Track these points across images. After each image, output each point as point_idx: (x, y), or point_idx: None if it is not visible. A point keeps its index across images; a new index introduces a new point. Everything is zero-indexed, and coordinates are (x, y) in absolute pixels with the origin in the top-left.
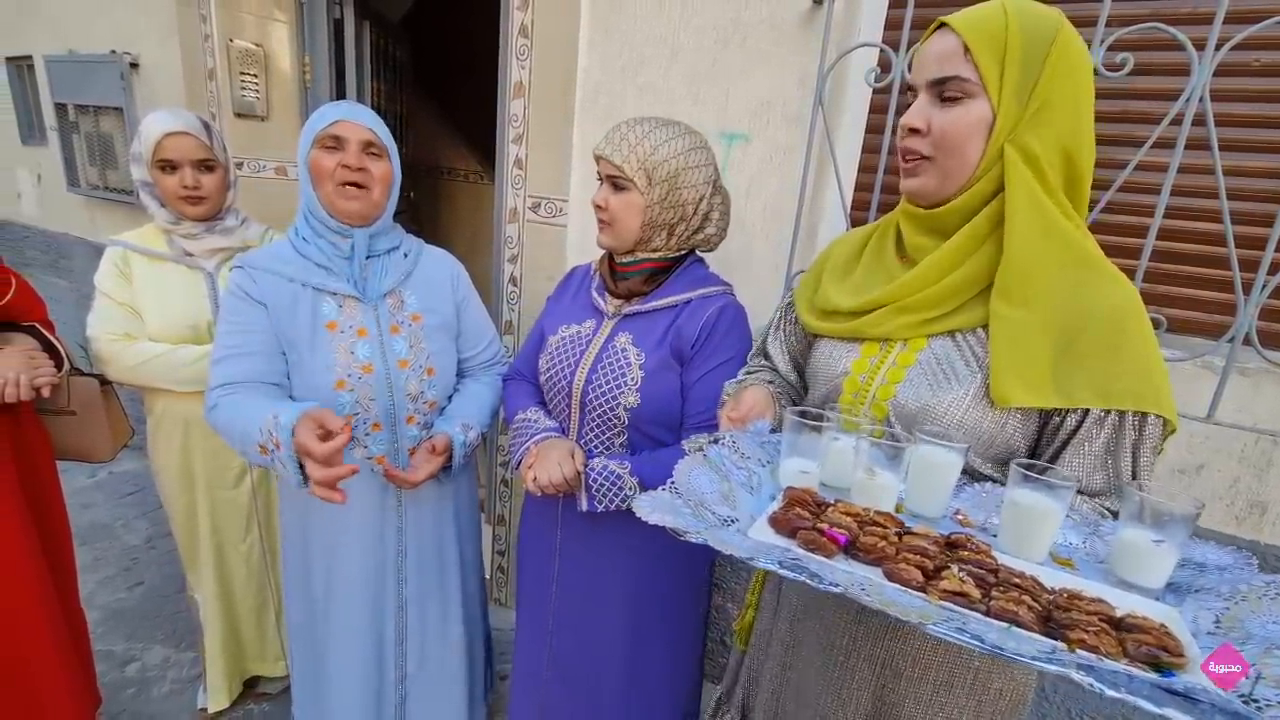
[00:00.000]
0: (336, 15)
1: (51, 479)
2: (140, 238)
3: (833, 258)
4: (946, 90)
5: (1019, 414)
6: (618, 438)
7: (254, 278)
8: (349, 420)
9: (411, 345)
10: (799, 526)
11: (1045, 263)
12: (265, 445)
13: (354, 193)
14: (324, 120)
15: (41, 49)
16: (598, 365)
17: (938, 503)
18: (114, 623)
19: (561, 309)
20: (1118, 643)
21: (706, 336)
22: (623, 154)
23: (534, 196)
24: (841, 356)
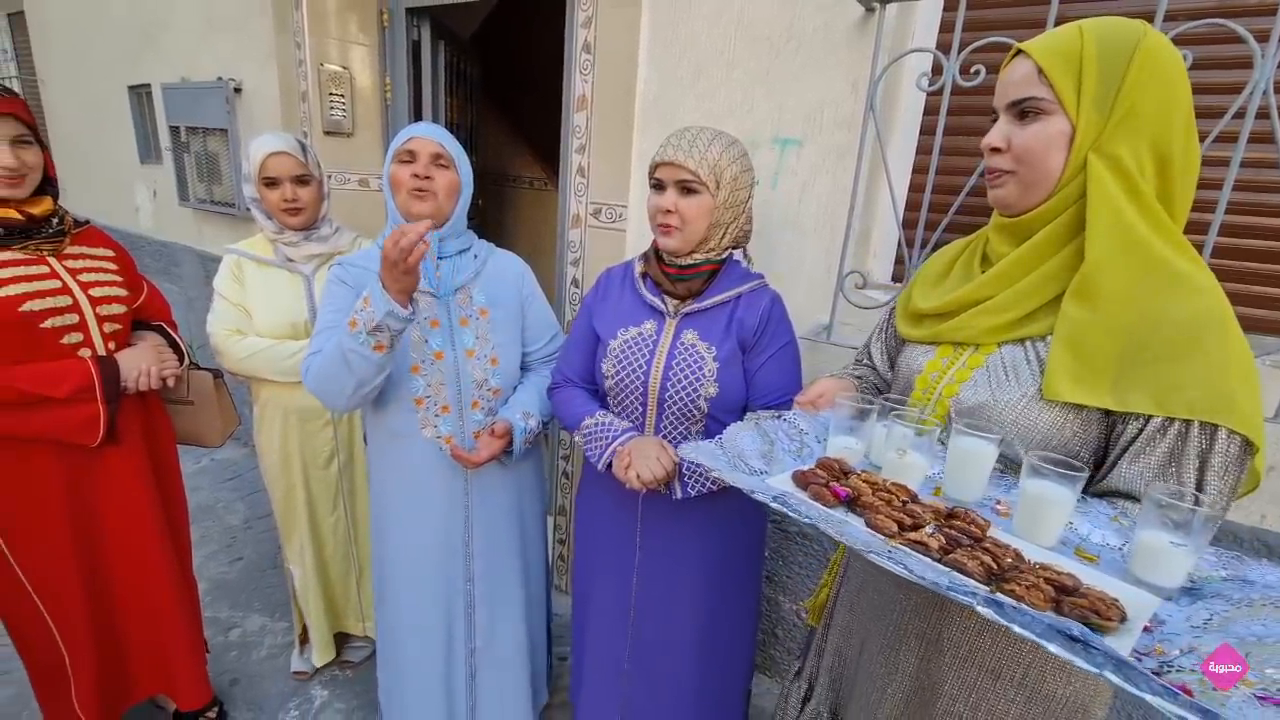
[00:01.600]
0: (415, 37)
1: (173, 460)
2: (251, 246)
3: (926, 269)
4: (1023, 109)
5: (1077, 418)
6: (695, 426)
7: (348, 272)
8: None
9: (478, 337)
10: (813, 481)
11: (1121, 268)
12: (357, 318)
13: (423, 196)
14: (401, 138)
15: (159, 78)
16: (672, 363)
17: (972, 489)
18: (218, 593)
19: (611, 312)
20: (1050, 600)
21: (765, 326)
22: (695, 159)
23: (595, 203)
24: (919, 357)
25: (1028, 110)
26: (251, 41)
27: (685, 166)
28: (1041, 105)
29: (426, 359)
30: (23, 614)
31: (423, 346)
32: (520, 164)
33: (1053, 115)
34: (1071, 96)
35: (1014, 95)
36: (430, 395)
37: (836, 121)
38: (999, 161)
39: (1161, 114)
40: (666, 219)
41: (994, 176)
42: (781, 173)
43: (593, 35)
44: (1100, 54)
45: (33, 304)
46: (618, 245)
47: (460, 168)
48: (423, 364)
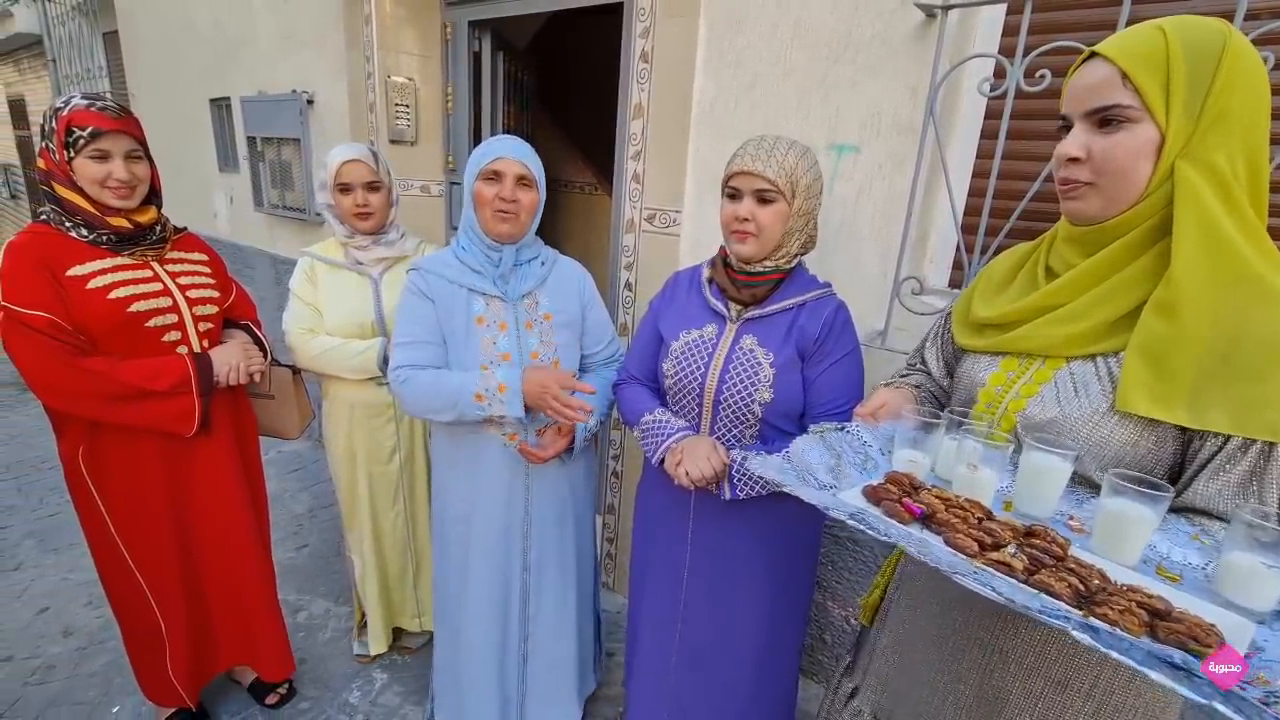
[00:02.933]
0: (476, 48)
1: (257, 450)
2: (323, 249)
3: (988, 276)
4: (1107, 117)
5: (1152, 434)
6: (749, 430)
7: (425, 278)
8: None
9: (542, 339)
10: (885, 497)
11: (1209, 281)
12: (483, 393)
13: (506, 218)
14: (488, 156)
15: (238, 91)
16: (729, 366)
17: (1044, 505)
18: (286, 577)
19: (676, 314)
20: (1144, 625)
21: (827, 334)
22: (774, 169)
23: (649, 209)
24: (982, 369)
25: (1111, 118)
26: (324, 56)
27: (764, 176)
28: (1128, 113)
29: (494, 360)
30: (125, 587)
31: (491, 348)
32: (571, 169)
33: (1139, 123)
34: (1160, 102)
35: (1095, 102)
36: None
37: (894, 127)
38: (1077, 173)
39: (1252, 116)
40: (743, 226)
41: (1071, 188)
42: (837, 178)
43: (650, 45)
44: (1188, 56)
45: (139, 305)
46: (671, 250)
47: (540, 186)
48: (491, 365)
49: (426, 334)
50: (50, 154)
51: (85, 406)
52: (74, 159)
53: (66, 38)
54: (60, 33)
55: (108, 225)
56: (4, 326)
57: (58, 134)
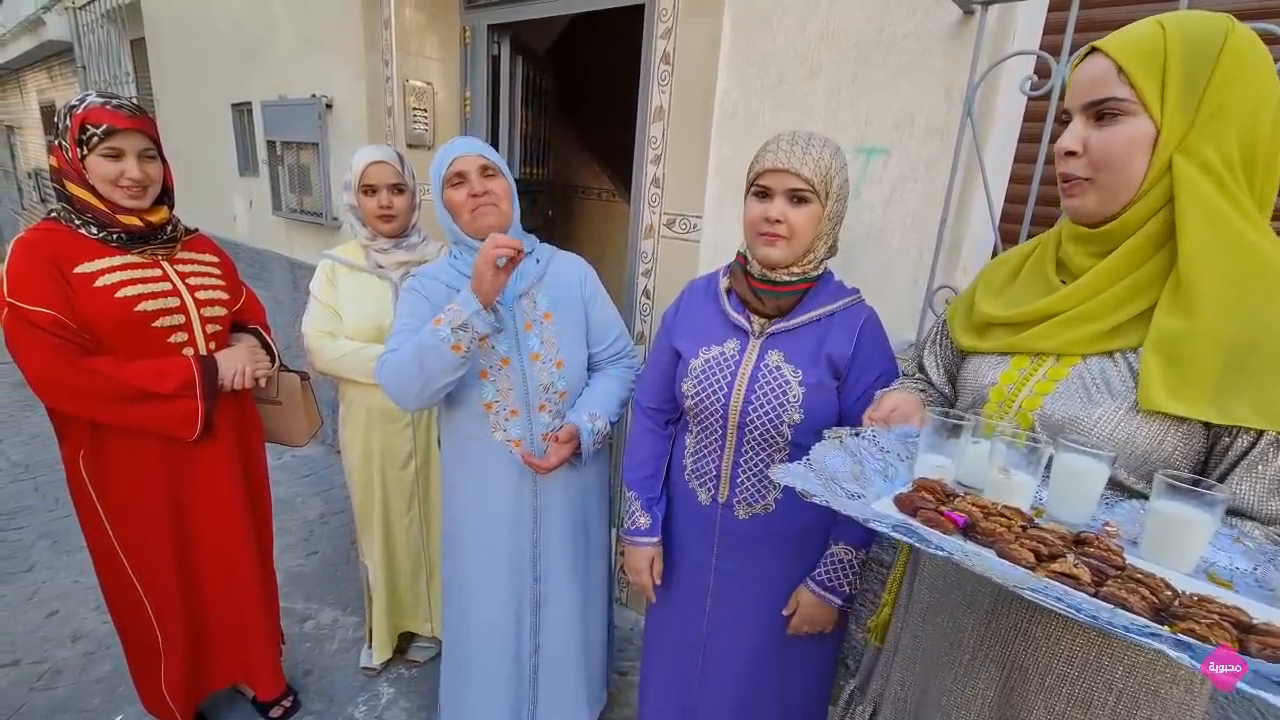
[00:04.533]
0: (495, 52)
1: (262, 456)
2: (344, 252)
3: (988, 277)
4: (1102, 110)
5: (1178, 431)
6: (779, 453)
7: (423, 284)
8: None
9: (543, 341)
10: (920, 506)
11: (1219, 274)
12: (443, 316)
13: (487, 210)
14: (445, 163)
15: (259, 95)
16: (754, 386)
17: (1081, 512)
18: (295, 585)
19: (693, 328)
20: (1235, 641)
21: (859, 350)
22: (810, 166)
23: (669, 213)
24: (990, 369)
25: (1106, 111)
26: (343, 60)
27: (799, 174)
28: (1122, 106)
29: (494, 364)
30: (124, 595)
31: (490, 353)
32: (588, 175)
33: (1134, 116)
34: (1154, 96)
35: (1091, 95)
36: (499, 400)
37: (928, 129)
38: (1074, 167)
39: (1250, 113)
40: (774, 229)
41: (1070, 184)
42: (865, 182)
43: (671, 46)
44: (1184, 51)
45: (146, 304)
46: (691, 256)
47: (505, 171)
48: (490, 369)
49: (417, 324)
50: (63, 151)
51: (87, 407)
52: (87, 157)
53: (96, 45)
54: (90, 40)
55: (118, 224)
56: (8, 323)
57: (71, 131)
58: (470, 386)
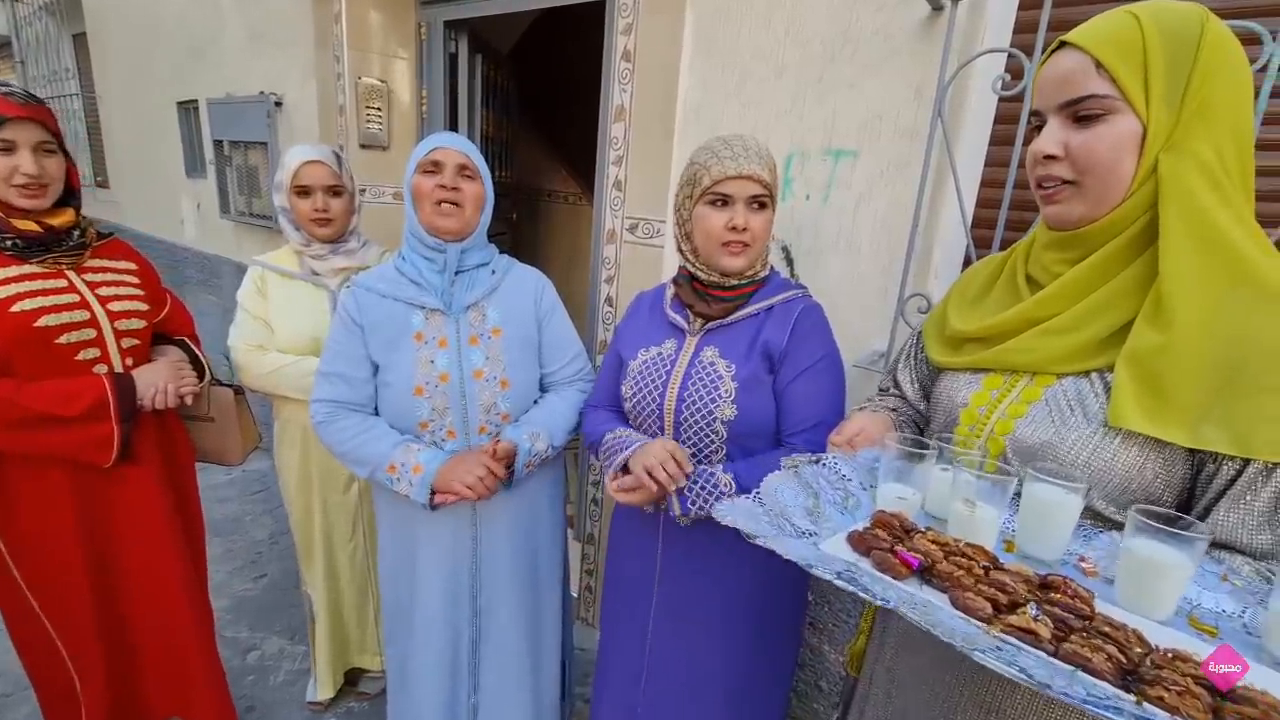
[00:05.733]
0: (452, 49)
1: (192, 479)
2: (276, 258)
3: (960, 289)
4: (1082, 110)
5: (1158, 456)
6: (716, 454)
7: (357, 299)
8: None
9: (488, 357)
10: (874, 547)
11: (1202, 282)
12: (397, 466)
13: (449, 210)
14: (425, 148)
15: (206, 93)
16: (688, 382)
17: (1051, 546)
18: (239, 611)
19: (636, 333)
20: (1210, 710)
21: (794, 340)
22: (766, 170)
23: (632, 218)
24: (961, 388)
25: (1087, 112)
26: (293, 56)
27: (761, 179)
28: (1104, 104)
29: (431, 380)
30: (32, 638)
31: (428, 367)
32: (556, 179)
33: (1118, 114)
34: (1138, 90)
35: (1068, 94)
36: (435, 420)
37: (897, 130)
38: (1057, 170)
39: (1235, 103)
40: (740, 237)
41: (1052, 190)
42: (834, 186)
43: (632, 43)
44: (1164, 42)
45: (48, 319)
46: (654, 262)
47: (485, 179)
48: (427, 385)
49: (350, 367)
50: None
51: None
52: None
53: (34, 39)
54: (28, 33)
55: (12, 229)
56: None
57: None
58: (402, 405)
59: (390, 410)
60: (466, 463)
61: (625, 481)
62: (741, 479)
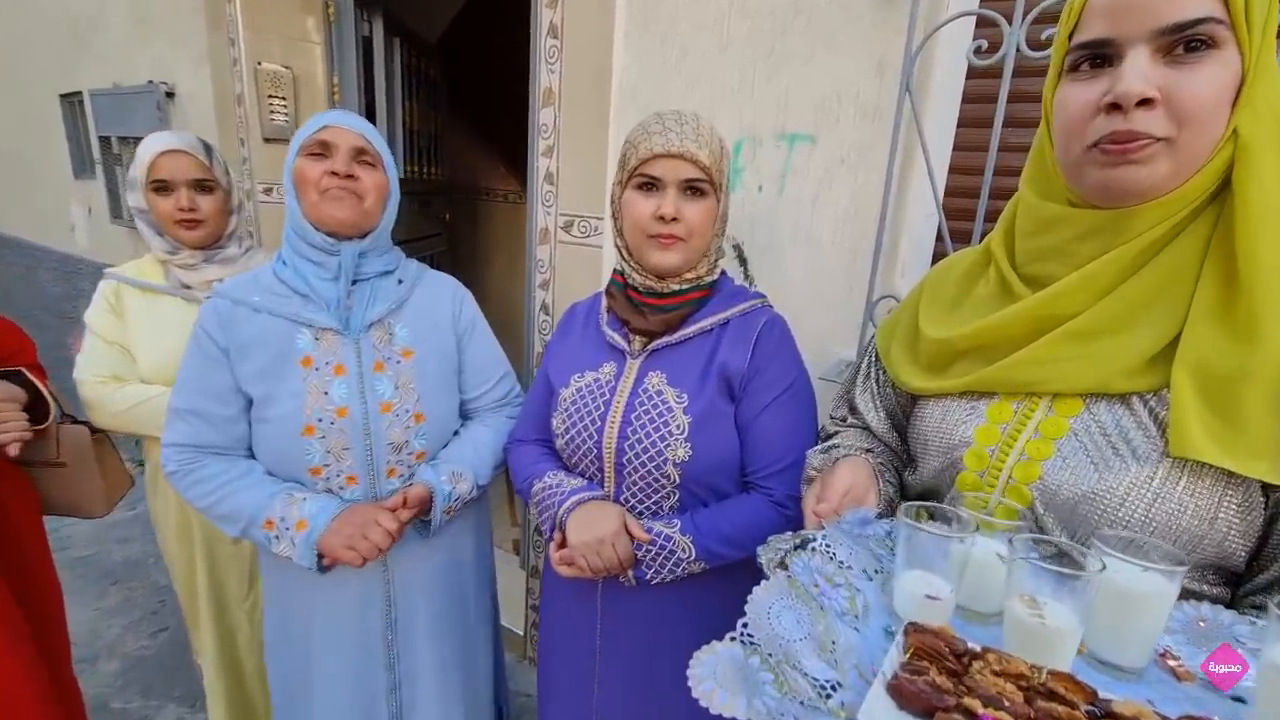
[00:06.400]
0: (365, 32)
1: (37, 538)
2: (136, 269)
3: (933, 288)
4: (1194, 36)
5: (1233, 500)
6: (667, 500)
7: (220, 313)
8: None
9: (398, 386)
10: (935, 705)
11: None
12: (275, 521)
13: (341, 194)
14: (312, 127)
15: (90, 84)
16: (630, 416)
17: (1139, 649)
18: (133, 674)
19: (568, 354)
20: None
21: (757, 362)
22: (705, 150)
23: (566, 214)
24: (959, 421)
25: (1198, 40)
26: (183, 41)
27: (697, 160)
28: (1215, 32)
29: (326, 416)
30: None
31: (321, 400)
32: (493, 177)
33: (1223, 49)
34: (1243, 21)
35: (1172, 15)
36: (330, 463)
37: (858, 110)
38: (1150, 123)
39: None
40: (670, 229)
41: (1135, 148)
42: (789, 174)
43: (559, 16)
44: None
45: None
46: (593, 264)
47: (388, 167)
48: (320, 423)
49: (211, 401)
50: None
51: None
52: None
53: None
54: None
55: None
56: None
57: None
58: (287, 450)
59: (270, 453)
60: (363, 517)
61: (564, 553)
62: (703, 537)
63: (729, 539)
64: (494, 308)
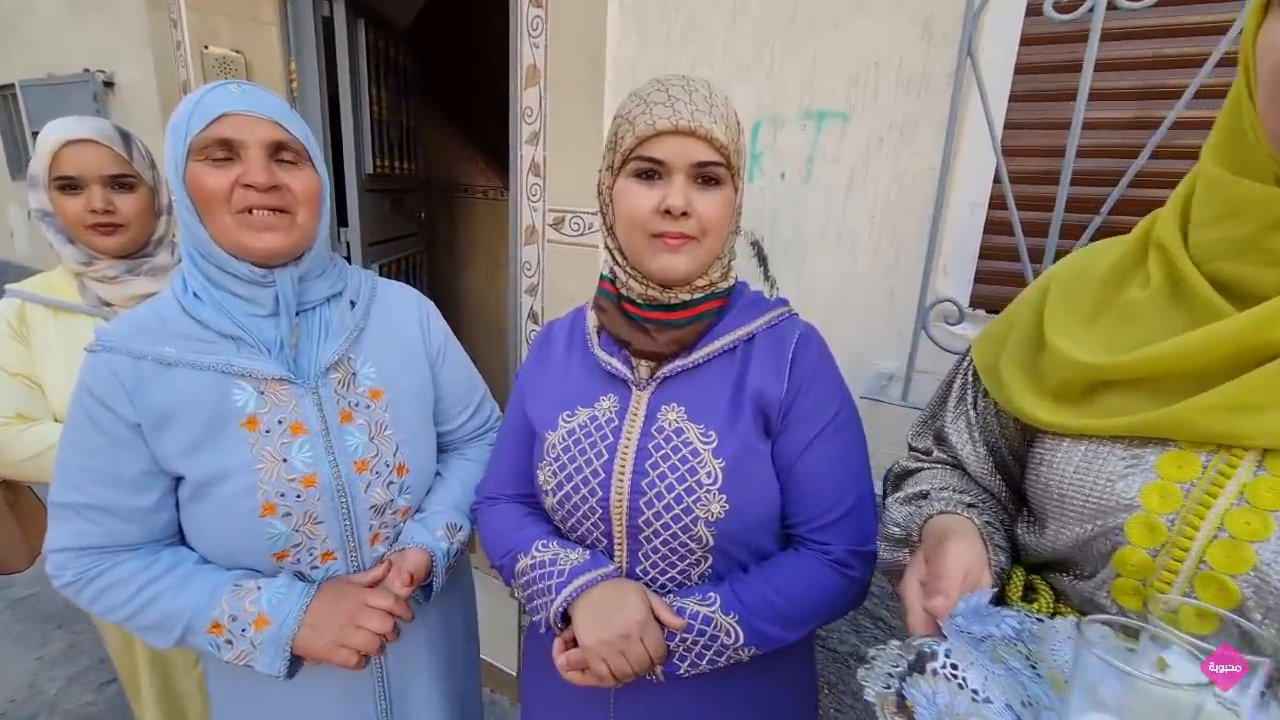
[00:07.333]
0: (325, 12)
1: None
2: (44, 285)
3: (1066, 289)
4: None
5: None
6: (695, 569)
7: (118, 376)
8: None
9: (373, 436)
10: None
11: None
12: (224, 623)
13: (269, 220)
14: (203, 116)
15: (20, 75)
16: (644, 464)
17: None
18: None
19: (551, 388)
20: None
21: (795, 386)
22: (721, 126)
23: (556, 210)
24: (1116, 473)
25: None
26: (123, 24)
27: (712, 138)
28: None
29: (289, 490)
30: None
31: (278, 469)
32: (473, 172)
33: None
34: None
35: None
36: (301, 543)
37: (900, 82)
38: None
39: None
40: (679, 226)
41: None
42: (817, 159)
43: None
44: None
45: None
46: (588, 266)
47: (316, 159)
48: (283, 498)
49: (118, 493)
50: None
51: None
52: None
53: None
54: None
55: None
56: None
57: None
58: (240, 531)
59: (214, 542)
60: (350, 602)
61: (575, 656)
62: (751, 615)
63: (784, 616)
64: (475, 314)
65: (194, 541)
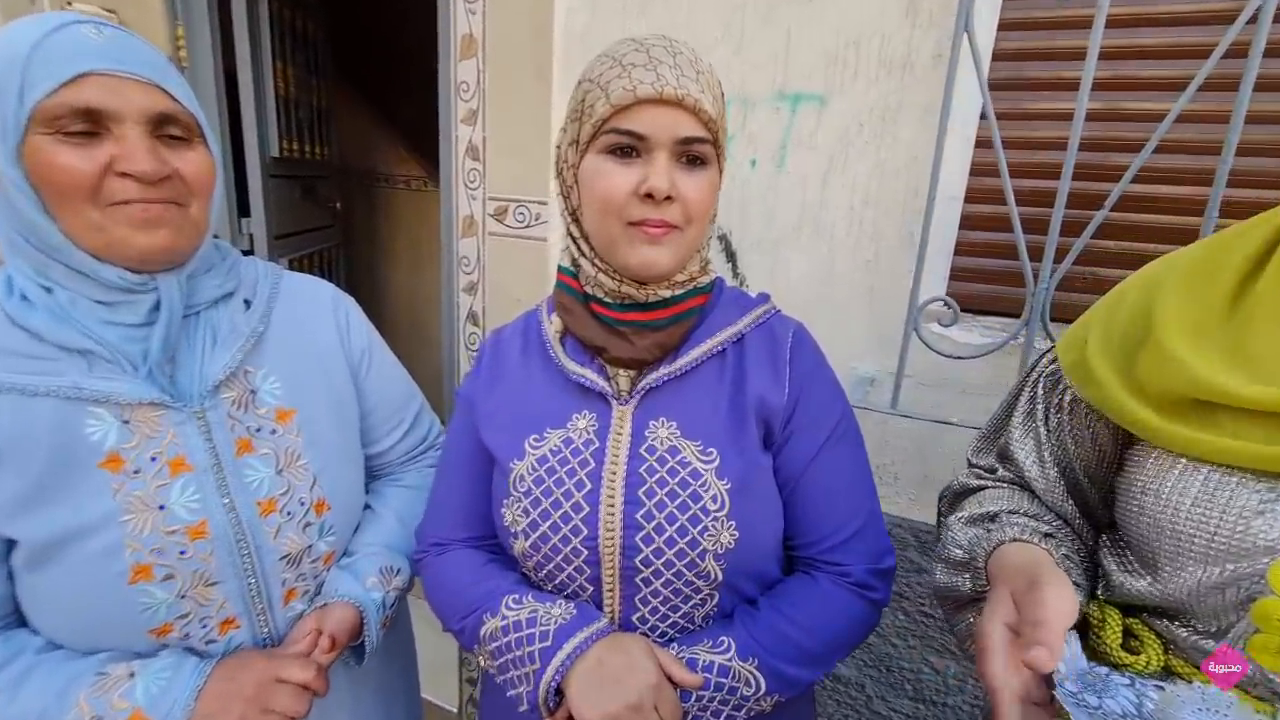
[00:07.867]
0: None
1: None
2: None
3: (1188, 277)
4: None
5: None
6: (700, 609)
7: None
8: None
9: (282, 468)
10: None
11: None
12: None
13: (156, 215)
14: (51, 72)
15: None
16: (636, 493)
17: None
18: None
19: (511, 407)
20: None
21: (795, 394)
22: (710, 96)
23: (498, 199)
24: (1249, 508)
25: None
26: None
27: (699, 109)
28: None
29: (168, 545)
30: None
31: (152, 519)
32: (393, 159)
33: None
34: None
35: None
36: (190, 613)
37: (882, 62)
38: None
39: None
40: (662, 212)
41: None
42: (791, 145)
43: None
44: None
45: None
46: (536, 261)
47: (207, 133)
48: (160, 557)
49: None
50: None
51: None
52: None
53: None
54: None
55: None
56: None
57: None
58: (104, 604)
59: (70, 620)
60: (255, 679)
61: None
62: (770, 657)
63: (807, 653)
64: (401, 314)
65: (37, 621)
